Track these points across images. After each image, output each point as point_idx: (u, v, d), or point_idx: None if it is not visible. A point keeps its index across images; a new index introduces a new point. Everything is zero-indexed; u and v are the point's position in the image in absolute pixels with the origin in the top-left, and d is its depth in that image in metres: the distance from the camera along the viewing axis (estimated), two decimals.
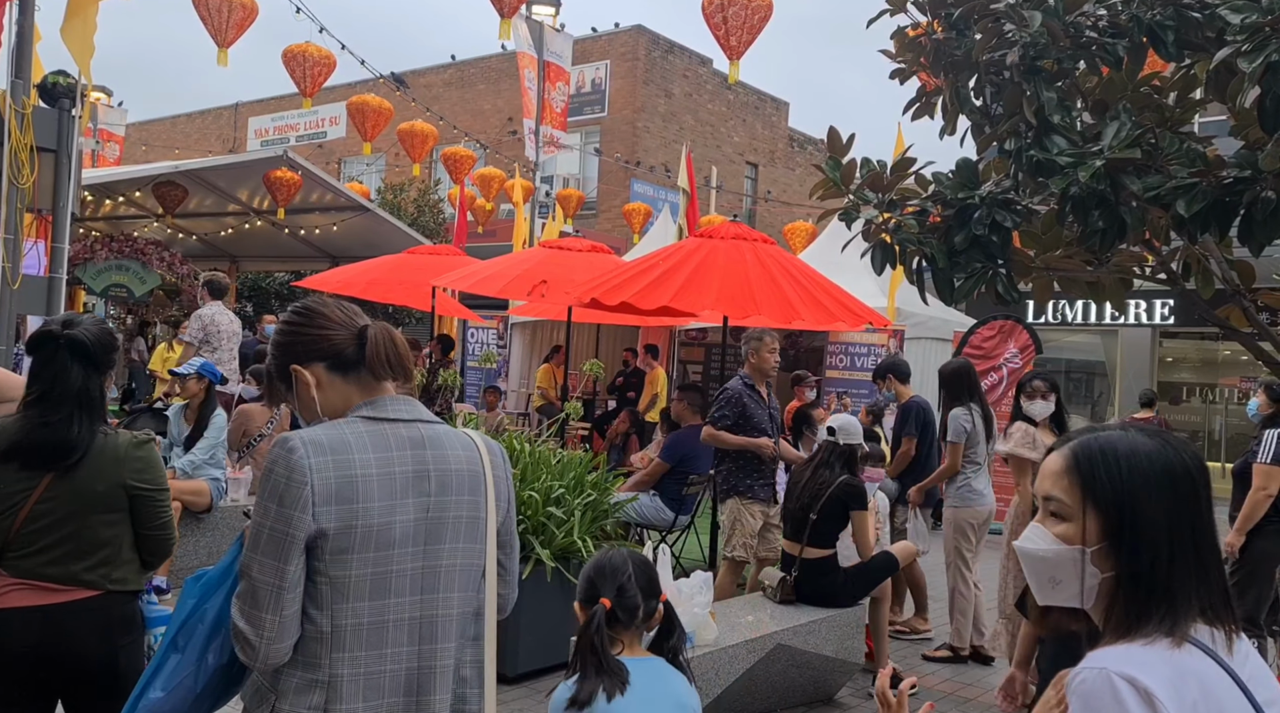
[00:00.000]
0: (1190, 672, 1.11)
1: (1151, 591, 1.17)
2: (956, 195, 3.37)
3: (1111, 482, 1.21)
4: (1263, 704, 1.14)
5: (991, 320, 10.70)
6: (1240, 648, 1.19)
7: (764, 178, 26.82)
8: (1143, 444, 1.22)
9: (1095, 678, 1.11)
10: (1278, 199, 2.73)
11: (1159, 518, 1.18)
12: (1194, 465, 1.21)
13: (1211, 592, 1.17)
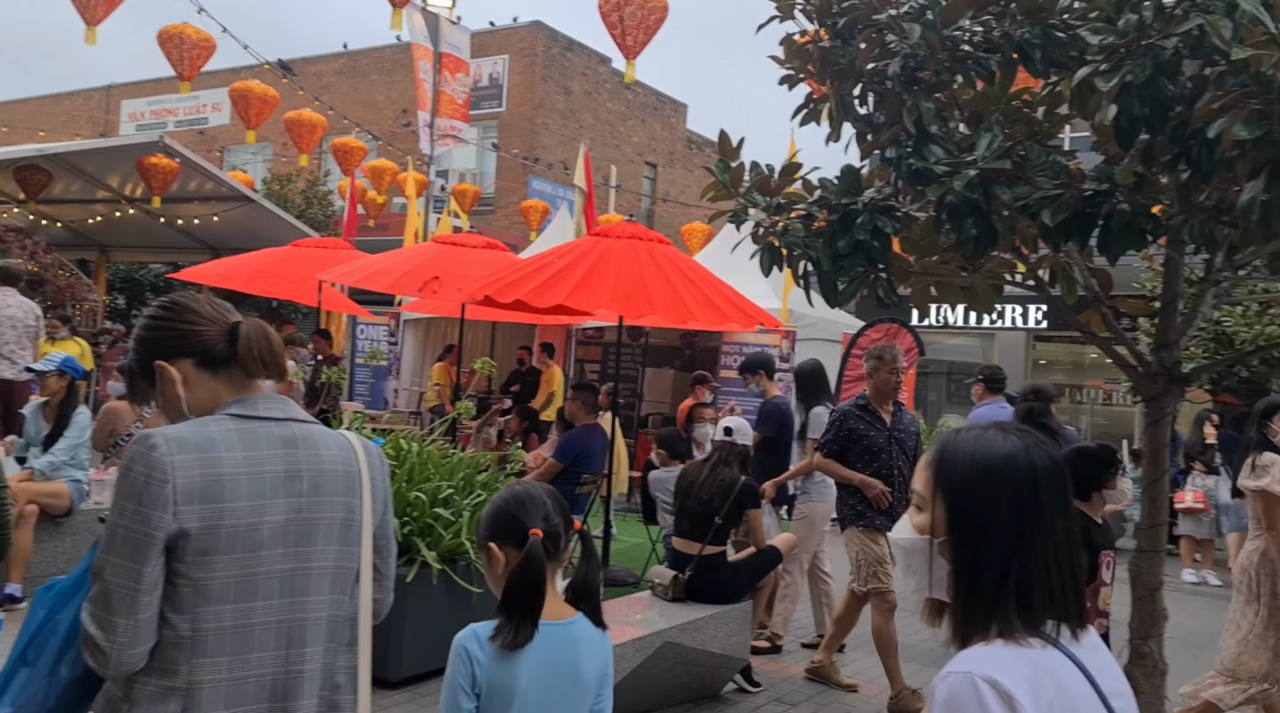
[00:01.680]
0: (1046, 670, 1.16)
1: (984, 583, 1.21)
2: (840, 201, 3.46)
3: (954, 476, 1.27)
4: (1109, 695, 1.20)
5: (878, 323, 11.07)
6: (1088, 640, 1.24)
7: (662, 178, 27.04)
8: (995, 442, 1.27)
9: (959, 682, 1.14)
10: (1132, 211, 2.90)
11: (995, 513, 1.22)
12: (1042, 464, 1.24)
13: (1056, 586, 1.21)
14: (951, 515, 1.26)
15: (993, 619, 1.20)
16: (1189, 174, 2.87)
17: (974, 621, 1.22)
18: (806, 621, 6.47)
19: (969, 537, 1.24)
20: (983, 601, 1.21)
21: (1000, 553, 1.21)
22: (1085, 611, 1.24)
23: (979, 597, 1.22)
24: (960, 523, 1.25)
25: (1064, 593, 1.21)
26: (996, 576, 1.21)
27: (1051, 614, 1.20)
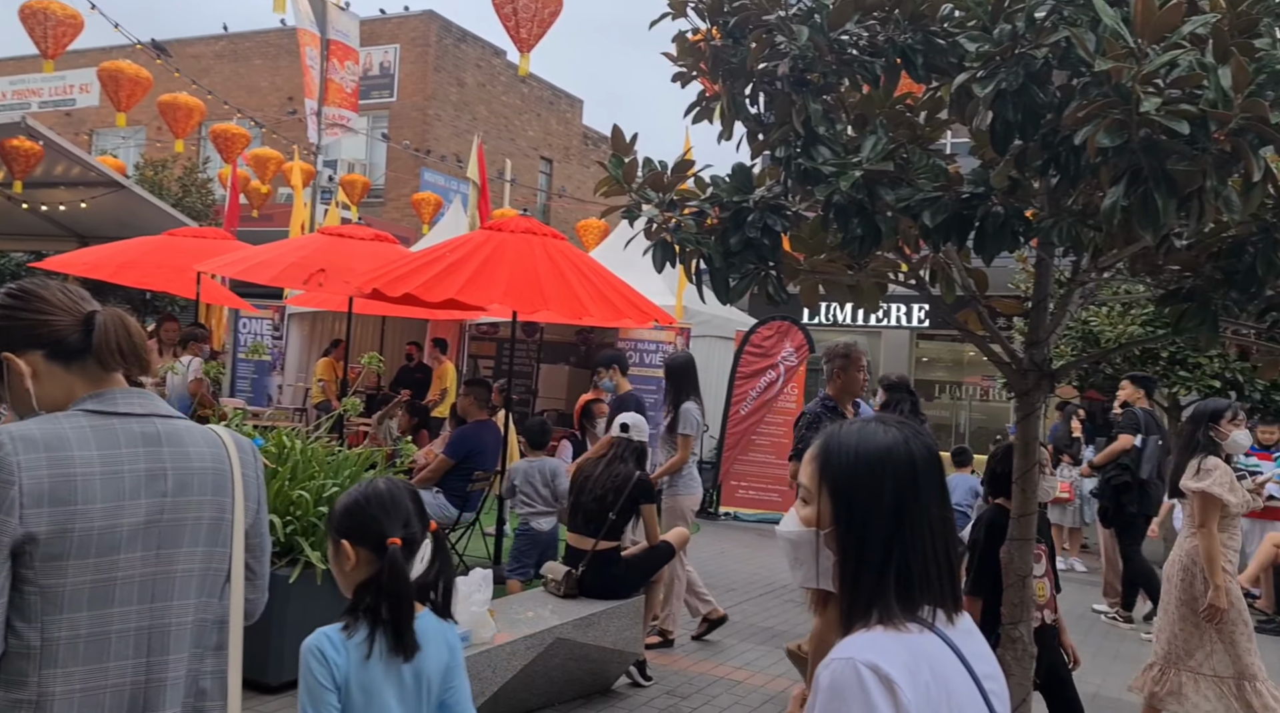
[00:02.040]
0: (923, 654, 1.19)
1: (867, 572, 1.25)
2: (732, 198, 3.50)
3: (838, 469, 1.30)
4: (981, 677, 1.24)
5: (770, 321, 11.27)
6: (962, 624, 1.29)
7: (558, 174, 26.91)
8: (877, 434, 1.30)
9: (842, 668, 1.16)
10: (1006, 214, 3.02)
11: (878, 503, 1.26)
12: (920, 454, 1.28)
13: (933, 572, 1.25)
14: (836, 507, 1.29)
15: (874, 606, 1.23)
16: (1058, 179, 3.01)
17: (857, 608, 1.25)
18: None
19: (853, 527, 1.27)
20: (865, 589, 1.24)
21: (882, 542, 1.25)
22: (960, 595, 1.28)
23: (862, 585, 1.25)
24: (845, 514, 1.28)
25: (940, 579, 1.25)
26: (878, 564, 1.24)
27: (928, 600, 1.24)
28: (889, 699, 1.12)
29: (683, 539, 5.25)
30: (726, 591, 7.37)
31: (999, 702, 1.26)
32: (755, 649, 5.75)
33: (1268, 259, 2.75)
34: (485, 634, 3.78)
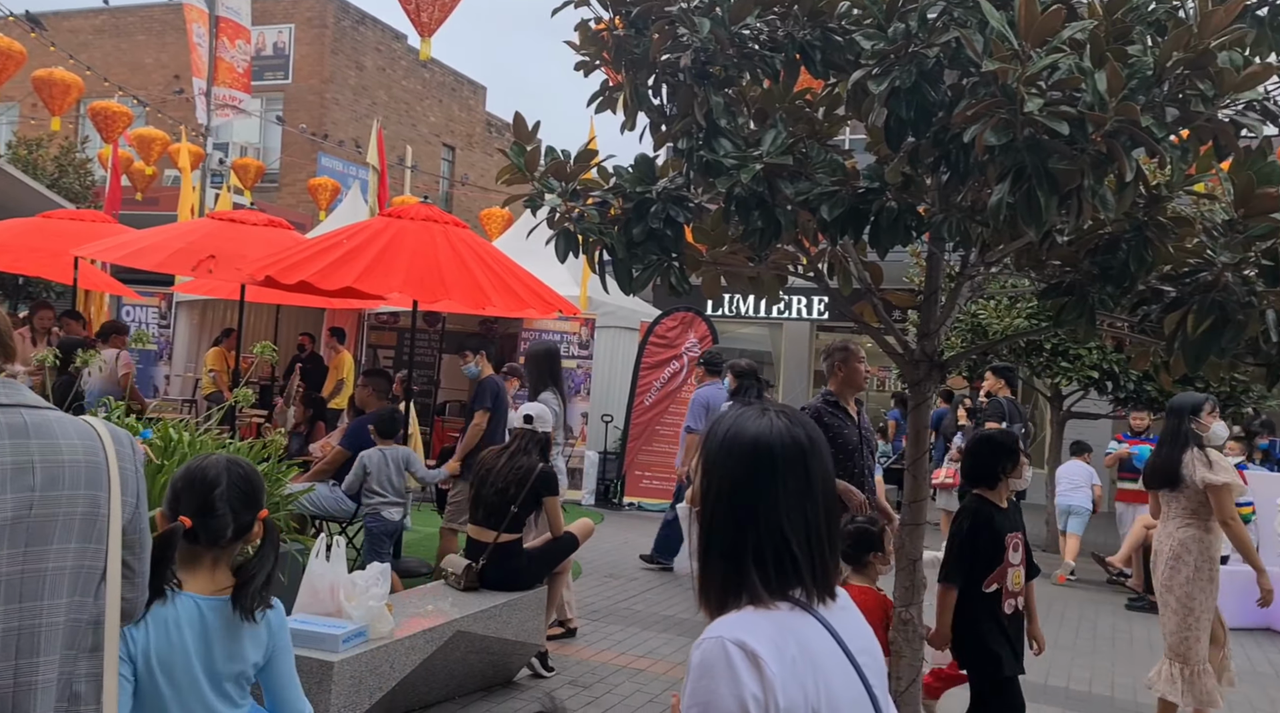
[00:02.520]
0: (791, 630, 1.23)
1: (733, 553, 1.28)
2: (635, 189, 3.50)
3: (710, 451, 1.35)
4: (855, 652, 1.29)
5: (674, 312, 11.35)
6: (838, 604, 1.34)
7: (461, 161, 26.49)
8: (750, 420, 1.35)
9: (711, 647, 1.20)
10: (899, 209, 3.11)
11: (734, 485, 1.30)
12: (785, 444, 1.31)
13: (801, 555, 1.28)
14: (705, 487, 1.34)
15: (742, 587, 1.27)
16: (949, 176, 3.10)
17: (728, 588, 1.28)
18: (598, 600, 6.57)
19: (718, 508, 1.31)
20: (733, 569, 1.28)
21: (741, 523, 1.29)
22: (832, 577, 1.32)
23: (730, 565, 1.28)
24: (712, 495, 1.33)
25: (810, 562, 1.29)
26: (737, 545, 1.28)
27: (798, 581, 1.28)
28: (754, 673, 1.16)
29: (587, 531, 5.25)
30: (629, 580, 7.42)
31: (874, 675, 1.31)
32: (658, 638, 5.80)
33: (1139, 256, 2.89)
34: (383, 629, 3.70)
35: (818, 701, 1.19)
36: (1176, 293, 2.97)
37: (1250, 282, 2.69)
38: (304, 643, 3.47)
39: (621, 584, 7.22)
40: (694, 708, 1.18)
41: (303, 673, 3.39)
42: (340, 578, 3.68)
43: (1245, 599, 7.58)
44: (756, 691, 1.16)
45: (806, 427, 1.34)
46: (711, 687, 1.17)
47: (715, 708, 1.16)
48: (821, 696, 1.20)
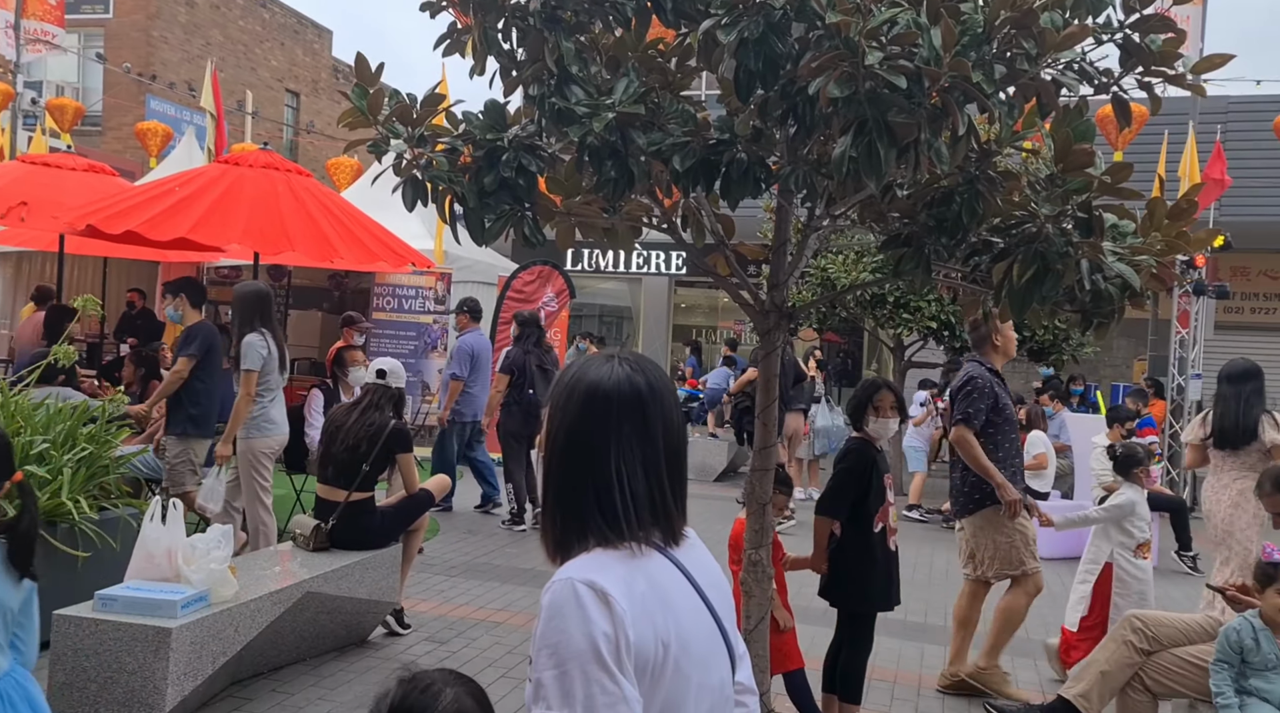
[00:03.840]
0: (639, 568, 1.26)
1: (575, 497, 1.30)
2: (485, 136, 3.42)
3: (553, 397, 1.36)
4: (704, 586, 1.33)
5: (531, 265, 11.23)
6: (687, 541, 1.37)
7: (306, 108, 25.22)
8: (592, 368, 1.35)
9: (561, 588, 1.22)
10: (749, 161, 3.15)
11: (572, 431, 1.31)
12: (629, 388, 1.32)
13: (643, 497, 1.30)
14: (548, 434, 1.35)
15: (588, 531, 1.28)
16: (796, 129, 3.17)
17: (573, 532, 1.30)
18: (456, 556, 6.53)
19: (560, 454, 1.32)
20: (577, 513, 1.30)
21: (586, 469, 1.30)
22: (675, 517, 1.34)
23: (574, 509, 1.30)
24: (554, 441, 1.34)
25: (652, 504, 1.31)
26: (586, 489, 1.29)
27: (643, 523, 1.30)
28: (604, 610, 1.18)
29: (443, 487, 5.18)
30: (489, 536, 7.39)
31: (721, 608, 1.35)
32: (517, 590, 5.81)
33: (971, 208, 3.04)
34: (226, 592, 3.55)
35: (667, 634, 1.22)
36: (1004, 244, 3.14)
37: (1068, 233, 2.87)
38: (139, 610, 3.29)
39: (480, 540, 7.18)
40: (544, 650, 1.19)
41: (139, 641, 3.23)
42: (178, 542, 3.50)
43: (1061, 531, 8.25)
44: (607, 627, 1.17)
45: (649, 374, 1.35)
46: (562, 627, 1.18)
47: (565, 647, 1.17)
48: (671, 630, 1.23)
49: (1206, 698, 3.20)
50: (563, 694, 1.15)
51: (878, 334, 11.54)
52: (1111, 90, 2.78)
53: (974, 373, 4.59)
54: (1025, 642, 5.54)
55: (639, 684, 1.18)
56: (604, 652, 1.15)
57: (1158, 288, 3.15)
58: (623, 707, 1.15)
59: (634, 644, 1.18)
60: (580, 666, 1.15)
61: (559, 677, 1.16)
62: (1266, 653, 2.93)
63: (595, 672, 1.15)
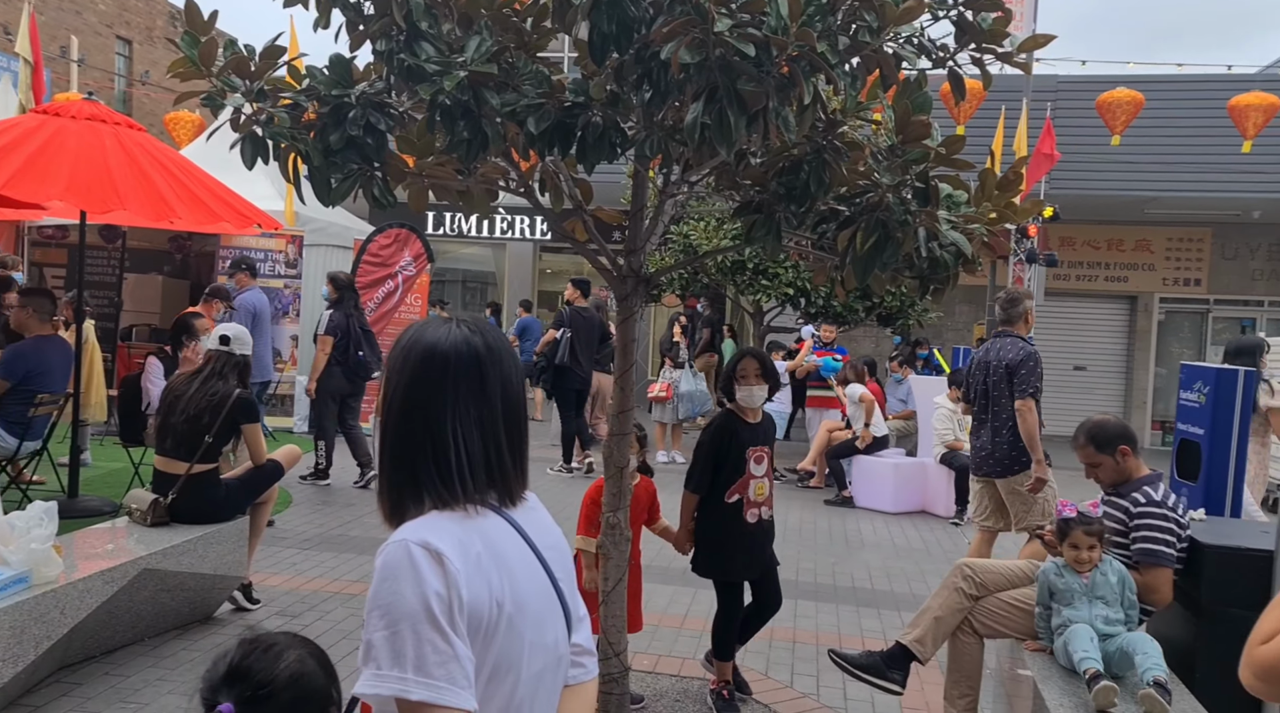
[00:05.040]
0: (475, 529, 1.26)
1: (409, 459, 1.29)
2: (331, 92, 3.28)
3: (390, 360, 1.35)
4: (542, 548, 1.34)
5: (388, 228, 10.90)
6: (527, 504, 1.37)
7: (140, 58, 23.54)
8: (428, 330, 1.34)
9: (395, 549, 1.20)
10: (604, 125, 3.14)
11: (407, 393, 1.30)
12: (466, 349, 1.31)
13: (478, 459, 1.30)
14: (383, 396, 1.33)
15: (424, 493, 1.27)
16: (651, 94, 3.17)
17: (409, 494, 1.28)
18: (309, 528, 6.35)
19: (395, 416, 1.31)
20: (412, 475, 1.28)
21: (422, 430, 1.29)
22: (513, 479, 1.34)
23: (409, 472, 1.29)
24: (389, 403, 1.32)
25: (488, 465, 1.31)
26: (421, 451, 1.28)
27: (479, 485, 1.30)
28: (437, 570, 1.17)
29: (293, 457, 5.00)
30: (345, 506, 7.20)
31: (559, 569, 1.36)
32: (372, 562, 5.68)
33: (818, 177, 3.12)
34: (50, 573, 3.33)
35: (502, 594, 1.22)
36: (849, 212, 3.25)
37: (907, 202, 3.00)
38: None
39: (335, 512, 6.99)
40: (376, 610, 1.18)
41: None
42: None
43: (906, 487, 8.72)
44: (439, 587, 1.16)
45: (488, 336, 1.34)
46: (395, 588, 1.17)
47: (397, 607, 1.16)
48: (506, 589, 1.23)
49: (1025, 637, 3.46)
50: (393, 654, 1.14)
51: (739, 300, 11.80)
52: (948, 65, 2.91)
53: (1031, 350, 5.25)
54: (872, 594, 5.84)
55: (472, 643, 1.18)
56: (436, 611, 1.15)
57: (989, 256, 3.34)
58: (454, 665, 1.15)
59: (467, 603, 1.17)
60: (412, 625, 1.14)
61: (390, 637, 1.15)
62: (1071, 584, 3.20)
63: (427, 631, 1.14)
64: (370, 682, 1.15)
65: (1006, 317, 5.46)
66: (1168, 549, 3.32)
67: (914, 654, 3.60)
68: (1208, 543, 3.40)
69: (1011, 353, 5.26)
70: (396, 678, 1.13)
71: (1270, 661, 1.29)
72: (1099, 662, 2.95)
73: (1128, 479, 3.51)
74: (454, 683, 1.14)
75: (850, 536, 7.46)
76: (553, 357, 9.09)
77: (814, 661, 4.52)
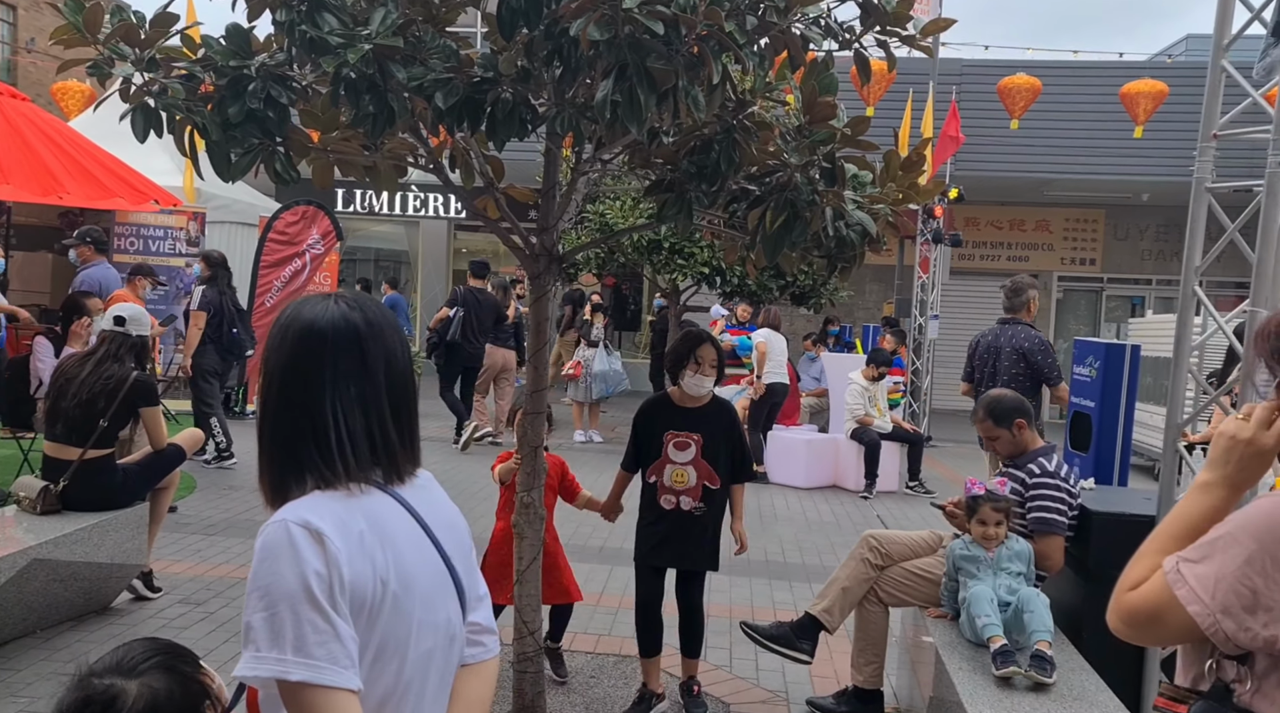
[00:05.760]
0: (359, 508, 1.23)
1: (280, 437, 1.27)
2: (228, 63, 3.17)
3: (269, 339, 1.32)
4: (434, 526, 1.32)
5: (295, 205, 10.59)
6: (417, 482, 1.35)
7: (25, 24, 22.27)
8: (307, 307, 1.31)
9: (274, 530, 1.18)
10: (514, 101, 3.10)
11: (282, 371, 1.28)
12: (344, 325, 1.28)
13: (361, 437, 1.27)
14: (262, 375, 1.31)
15: (305, 472, 1.25)
16: (562, 70, 3.14)
17: (290, 474, 1.26)
18: (216, 513, 6.18)
19: (274, 395, 1.28)
20: (292, 454, 1.26)
21: (300, 408, 1.26)
22: (399, 456, 1.31)
23: (289, 451, 1.26)
24: (267, 382, 1.30)
25: (371, 442, 1.28)
26: (301, 429, 1.26)
27: (362, 462, 1.27)
28: (316, 549, 1.16)
29: (195, 441, 4.84)
30: (251, 491, 7.01)
31: (453, 548, 1.35)
32: None
33: (728, 156, 3.15)
34: None
35: (386, 573, 1.21)
36: (759, 191, 3.29)
37: (814, 182, 3.05)
38: None
39: (243, 496, 6.81)
40: (255, 592, 1.16)
41: None
42: None
43: (818, 463, 8.92)
44: (319, 566, 1.15)
45: (368, 311, 1.32)
46: (274, 568, 1.15)
47: (276, 588, 1.14)
48: (391, 568, 1.21)
49: (928, 605, 3.59)
50: (272, 635, 1.13)
51: (656, 280, 11.84)
52: (853, 47, 2.96)
53: (1043, 338, 5.64)
54: (784, 567, 5.97)
55: (356, 622, 1.17)
56: (316, 591, 1.13)
57: (894, 235, 3.42)
58: (335, 644, 1.13)
59: (349, 582, 1.16)
60: (291, 605, 1.13)
61: (269, 618, 1.13)
62: (977, 556, 3.33)
63: (307, 611, 1.13)
64: (249, 664, 1.13)
65: (1011, 305, 5.86)
66: (1060, 518, 3.48)
67: (822, 624, 3.70)
68: (1096, 510, 3.57)
69: (1026, 341, 5.68)
70: (275, 659, 1.12)
71: (1134, 606, 1.37)
72: (1000, 627, 3.07)
73: (1024, 451, 3.66)
74: (335, 662, 1.13)
75: (764, 511, 7.60)
76: (444, 333, 9.41)
77: (727, 633, 4.61)
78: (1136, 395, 5.10)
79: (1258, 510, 1.28)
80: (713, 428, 3.76)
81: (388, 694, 1.22)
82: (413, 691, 1.25)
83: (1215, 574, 1.27)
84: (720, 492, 3.77)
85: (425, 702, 1.28)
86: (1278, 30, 3.25)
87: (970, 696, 2.79)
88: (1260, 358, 1.41)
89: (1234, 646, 1.27)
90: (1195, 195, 3.60)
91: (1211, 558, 1.29)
